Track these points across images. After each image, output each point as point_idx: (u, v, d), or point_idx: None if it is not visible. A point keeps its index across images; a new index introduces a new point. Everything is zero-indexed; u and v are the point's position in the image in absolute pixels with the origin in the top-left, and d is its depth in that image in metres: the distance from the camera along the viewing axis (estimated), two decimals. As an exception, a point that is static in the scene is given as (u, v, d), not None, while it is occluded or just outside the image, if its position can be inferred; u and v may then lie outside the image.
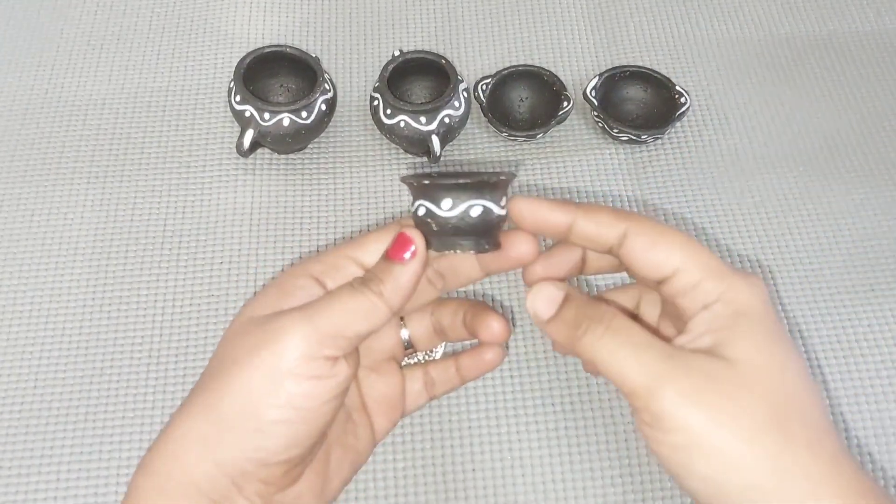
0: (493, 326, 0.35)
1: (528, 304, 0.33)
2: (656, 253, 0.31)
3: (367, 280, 0.32)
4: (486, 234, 0.33)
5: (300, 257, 0.52)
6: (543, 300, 0.32)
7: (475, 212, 0.32)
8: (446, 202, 0.32)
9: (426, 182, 0.32)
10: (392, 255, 0.32)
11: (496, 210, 0.32)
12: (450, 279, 0.36)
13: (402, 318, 0.38)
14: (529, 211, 0.33)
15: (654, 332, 0.34)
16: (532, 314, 0.33)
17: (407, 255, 0.32)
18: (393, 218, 0.53)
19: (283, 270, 0.34)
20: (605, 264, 0.35)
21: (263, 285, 0.34)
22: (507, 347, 0.48)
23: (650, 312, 0.36)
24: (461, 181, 0.31)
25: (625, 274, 0.34)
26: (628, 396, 0.29)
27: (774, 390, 0.28)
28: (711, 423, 0.27)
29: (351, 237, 0.34)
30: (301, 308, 0.31)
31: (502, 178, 0.32)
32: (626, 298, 0.37)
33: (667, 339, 0.31)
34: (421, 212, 0.32)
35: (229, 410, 0.29)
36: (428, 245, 0.33)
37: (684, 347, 0.29)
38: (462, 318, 0.36)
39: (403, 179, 0.33)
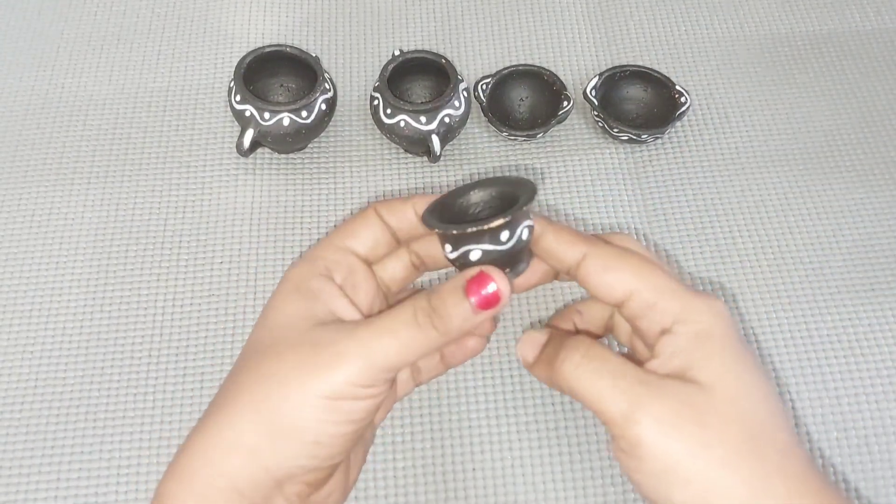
0: (467, 343, 0.36)
1: (518, 352, 0.35)
2: (609, 276, 0.31)
3: (433, 314, 0.30)
4: (518, 256, 0.32)
5: (300, 257, 0.52)
6: (528, 345, 0.34)
7: (525, 234, 0.31)
8: (504, 234, 0.30)
9: (454, 232, 0.30)
10: (475, 299, 0.30)
11: (525, 233, 0.32)
12: (429, 263, 0.37)
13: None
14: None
15: (630, 347, 0.36)
16: (521, 360, 0.34)
17: (493, 309, 0.31)
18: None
19: (287, 273, 0.34)
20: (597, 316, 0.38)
21: (280, 287, 0.34)
22: (503, 343, 0.48)
23: (625, 327, 0.36)
24: (492, 225, 0.30)
25: None
26: (606, 424, 0.29)
27: (745, 415, 0.28)
28: (687, 450, 0.27)
29: (335, 226, 0.35)
30: (358, 334, 0.30)
31: (531, 187, 0.31)
32: (600, 309, 0.37)
33: (639, 360, 0.31)
34: (475, 256, 0.31)
35: (285, 424, 0.29)
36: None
37: (656, 372, 0.30)
38: None
39: (430, 227, 0.32)
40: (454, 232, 0.30)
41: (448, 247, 0.32)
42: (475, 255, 0.31)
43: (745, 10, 0.65)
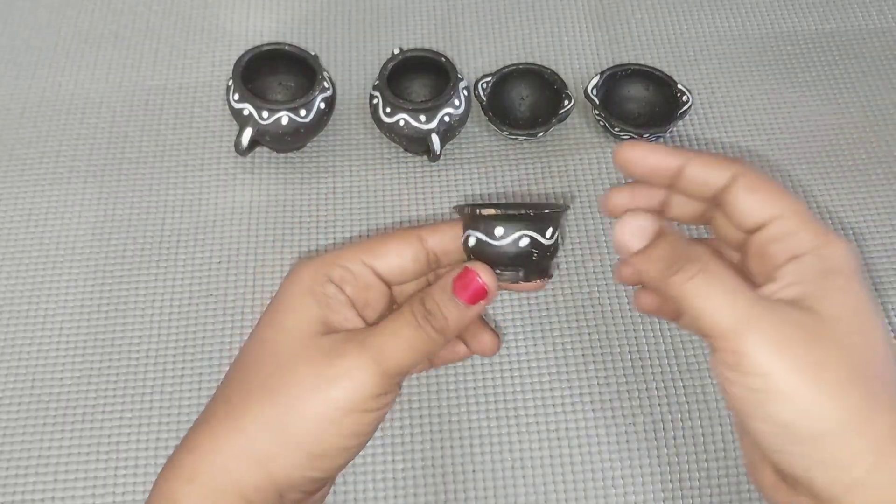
0: (485, 341, 0.36)
1: (616, 234, 0.32)
2: (759, 196, 0.31)
3: (430, 316, 0.31)
4: (533, 264, 0.33)
5: (299, 257, 0.51)
6: (633, 231, 0.31)
7: (524, 242, 0.32)
8: (498, 230, 0.32)
9: (479, 212, 0.32)
10: (462, 295, 0.32)
11: (544, 241, 0.33)
12: (442, 259, 0.36)
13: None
14: (640, 156, 0.32)
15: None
16: (619, 245, 0.32)
17: (482, 301, 0.32)
18: (401, 223, 0.53)
19: (300, 269, 0.33)
20: (688, 211, 0.35)
21: (292, 285, 0.33)
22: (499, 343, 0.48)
23: (726, 227, 0.35)
24: (512, 212, 0.31)
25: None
26: (711, 338, 0.29)
27: (860, 349, 0.28)
28: (794, 371, 0.27)
29: (359, 238, 0.33)
30: (368, 343, 0.31)
31: (556, 210, 0.32)
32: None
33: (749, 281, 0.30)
34: (472, 242, 0.32)
35: (297, 437, 0.30)
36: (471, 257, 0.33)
37: (772, 297, 0.29)
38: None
39: (456, 208, 0.33)
40: (464, 209, 0.32)
41: (462, 233, 0.33)
42: (471, 241, 0.32)
43: (747, 8, 0.64)
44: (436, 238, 0.34)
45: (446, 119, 0.51)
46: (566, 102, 0.54)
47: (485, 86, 0.55)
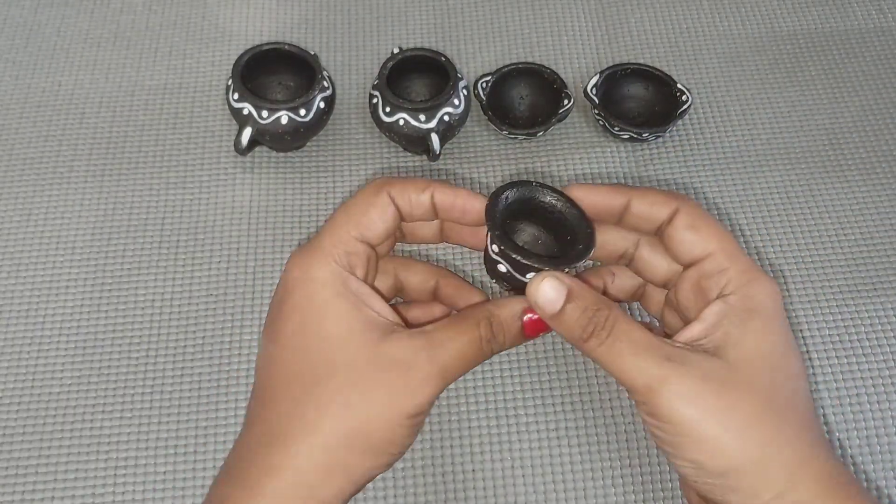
0: (475, 301, 0.37)
1: (530, 297, 0.33)
2: (698, 233, 0.33)
3: (493, 340, 0.33)
4: None
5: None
6: (545, 296, 0.32)
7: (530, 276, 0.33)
8: (529, 274, 0.33)
9: (515, 257, 0.32)
10: (530, 334, 0.34)
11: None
12: (408, 237, 0.37)
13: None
14: (587, 197, 0.35)
15: (660, 318, 0.38)
16: (533, 304, 0.33)
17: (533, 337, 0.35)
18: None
19: (303, 264, 0.33)
20: (604, 254, 0.38)
21: (314, 290, 0.33)
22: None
23: (655, 298, 0.38)
24: (543, 266, 0.32)
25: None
26: (629, 391, 0.31)
27: (768, 388, 0.30)
28: (702, 419, 0.29)
29: (340, 211, 0.34)
30: (435, 360, 0.32)
31: (585, 255, 0.33)
32: (631, 277, 0.39)
33: (668, 332, 0.33)
34: (501, 269, 0.33)
35: (375, 443, 0.31)
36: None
37: (688, 344, 0.32)
38: (433, 285, 0.38)
39: (490, 228, 0.33)
40: (514, 256, 0.32)
41: (494, 247, 0.34)
42: (501, 268, 0.33)
43: (747, 7, 0.64)
44: (404, 199, 0.35)
45: (446, 118, 0.51)
46: (566, 102, 0.54)
47: (484, 85, 0.55)
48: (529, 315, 0.33)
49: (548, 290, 0.32)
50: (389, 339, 0.32)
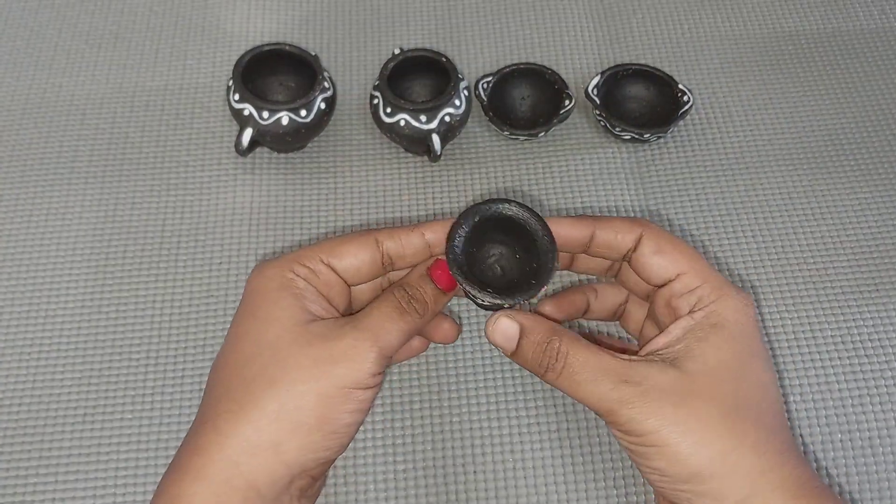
0: (445, 329, 0.40)
1: (488, 335, 0.35)
2: (662, 258, 0.35)
3: (413, 300, 0.35)
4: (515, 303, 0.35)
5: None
6: (501, 335, 0.35)
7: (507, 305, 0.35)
8: (486, 300, 0.34)
9: (472, 293, 0.34)
10: (440, 282, 0.36)
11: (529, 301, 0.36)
12: (397, 262, 0.38)
13: None
14: (552, 229, 0.36)
15: (638, 337, 0.40)
16: (493, 343, 0.35)
17: (451, 290, 0.36)
18: (402, 222, 0.53)
19: (264, 270, 0.35)
20: (592, 266, 0.40)
21: (262, 284, 0.34)
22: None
23: (635, 317, 0.41)
24: (498, 302, 0.34)
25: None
26: (596, 413, 0.33)
27: (728, 398, 0.32)
28: (663, 430, 0.31)
29: (320, 239, 0.36)
30: (364, 325, 0.33)
31: (536, 292, 0.34)
32: (614, 295, 0.41)
33: (647, 339, 0.35)
34: (471, 293, 0.35)
35: (307, 417, 0.31)
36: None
37: (649, 354, 0.33)
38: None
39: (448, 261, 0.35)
40: (471, 292, 0.34)
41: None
42: (462, 288, 0.35)
43: (749, 8, 0.64)
44: (391, 243, 0.36)
45: (447, 119, 0.51)
46: (567, 102, 0.54)
47: (485, 86, 0.55)
48: (439, 277, 0.36)
49: (504, 328, 0.35)
50: (319, 321, 0.33)
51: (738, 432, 0.31)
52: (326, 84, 0.52)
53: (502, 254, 0.37)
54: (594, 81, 0.55)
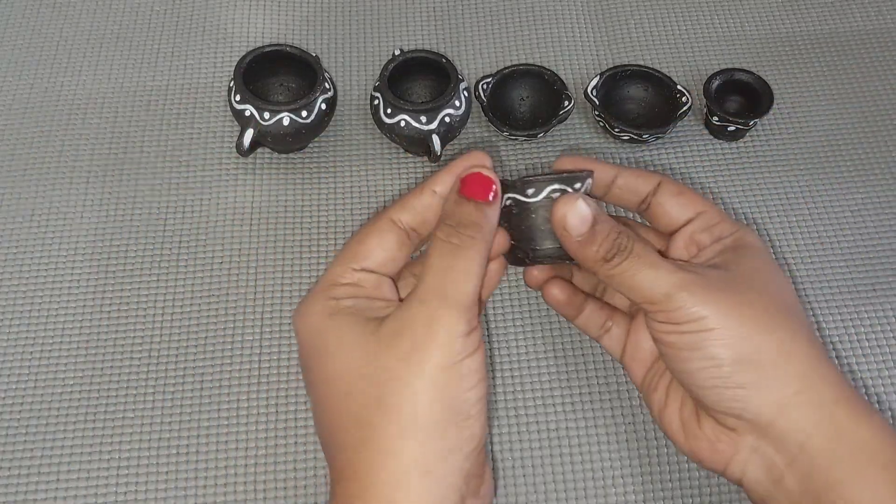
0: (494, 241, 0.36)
1: (567, 217, 0.33)
2: (682, 198, 0.37)
3: (461, 230, 0.32)
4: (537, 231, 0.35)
5: (300, 257, 0.51)
6: (579, 217, 0.33)
7: (530, 192, 0.34)
8: (530, 190, 0.34)
9: (534, 178, 0.34)
10: (472, 194, 0.32)
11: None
12: (422, 230, 0.35)
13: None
14: (576, 167, 0.37)
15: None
16: (566, 226, 0.33)
17: (490, 195, 0.33)
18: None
19: (300, 311, 0.34)
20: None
21: (303, 334, 0.33)
22: (509, 342, 0.48)
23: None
24: (542, 176, 0.35)
25: None
26: (645, 304, 0.33)
27: (773, 296, 0.33)
28: (721, 312, 0.31)
29: (343, 248, 0.34)
30: (424, 299, 0.30)
31: (582, 173, 0.35)
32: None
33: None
34: (507, 202, 0.35)
35: (440, 417, 0.29)
36: (510, 258, 0.36)
37: (695, 262, 0.35)
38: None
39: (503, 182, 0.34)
40: (532, 178, 0.35)
41: (507, 195, 0.35)
42: (507, 201, 0.35)
43: (746, 9, 0.65)
44: (407, 215, 0.34)
45: (447, 120, 0.51)
46: (566, 103, 0.54)
47: (485, 87, 0.55)
48: (467, 186, 0.33)
49: (581, 210, 0.33)
50: (387, 320, 0.31)
51: (793, 326, 0.32)
52: (327, 85, 0.53)
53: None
54: (593, 82, 0.55)
